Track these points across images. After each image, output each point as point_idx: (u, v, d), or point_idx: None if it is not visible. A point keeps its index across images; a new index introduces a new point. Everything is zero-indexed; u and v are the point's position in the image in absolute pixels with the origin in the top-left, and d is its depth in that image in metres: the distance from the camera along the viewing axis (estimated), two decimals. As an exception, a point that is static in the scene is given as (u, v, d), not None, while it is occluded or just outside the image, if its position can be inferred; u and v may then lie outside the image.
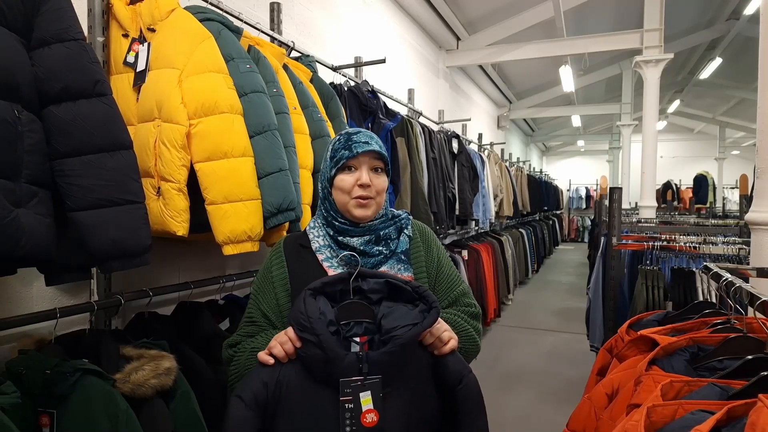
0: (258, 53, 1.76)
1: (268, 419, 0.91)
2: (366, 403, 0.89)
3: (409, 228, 1.21)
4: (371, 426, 0.88)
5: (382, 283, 1.00)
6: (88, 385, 1.17)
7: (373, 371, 0.89)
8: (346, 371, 0.89)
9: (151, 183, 1.44)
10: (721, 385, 0.83)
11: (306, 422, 0.90)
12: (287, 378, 0.92)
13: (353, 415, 0.88)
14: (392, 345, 0.90)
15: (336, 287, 0.99)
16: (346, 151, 1.11)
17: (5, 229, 0.96)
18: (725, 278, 1.14)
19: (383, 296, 1.00)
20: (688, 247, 2.38)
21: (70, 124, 1.11)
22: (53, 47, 1.09)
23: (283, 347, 0.94)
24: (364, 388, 0.89)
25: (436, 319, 0.95)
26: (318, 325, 0.90)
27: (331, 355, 0.89)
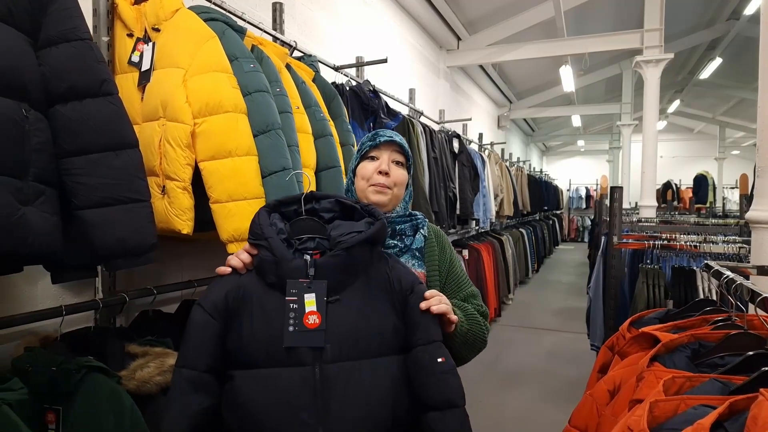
0: (261, 53, 1.77)
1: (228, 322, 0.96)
2: (309, 305, 0.93)
3: (425, 228, 1.25)
4: (313, 327, 0.93)
5: (333, 202, 1.07)
6: (94, 382, 1.18)
7: (320, 276, 0.95)
8: (293, 274, 0.94)
9: (155, 182, 1.45)
10: (722, 380, 0.84)
11: (259, 323, 0.95)
12: (245, 286, 0.98)
13: (297, 315, 0.93)
14: (338, 249, 0.97)
15: (291, 207, 1.06)
16: (370, 142, 1.19)
17: (13, 227, 0.97)
18: (726, 276, 1.15)
19: (336, 215, 1.07)
20: (689, 246, 2.39)
21: (76, 123, 1.12)
22: (60, 47, 1.10)
23: (239, 257, 1.01)
24: (308, 290, 0.94)
25: (380, 229, 1.00)
26: (267, 230, 0.98)
27: (278, 256, 0.95)
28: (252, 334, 0.95)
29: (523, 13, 6.20)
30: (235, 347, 0.96)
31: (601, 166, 16.63)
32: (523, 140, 14.27)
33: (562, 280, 8.39)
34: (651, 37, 5.60)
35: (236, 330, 0.96)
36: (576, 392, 2.04)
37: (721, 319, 1.15)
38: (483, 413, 3.15)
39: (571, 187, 16.29)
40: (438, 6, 5.57)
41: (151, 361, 1.30)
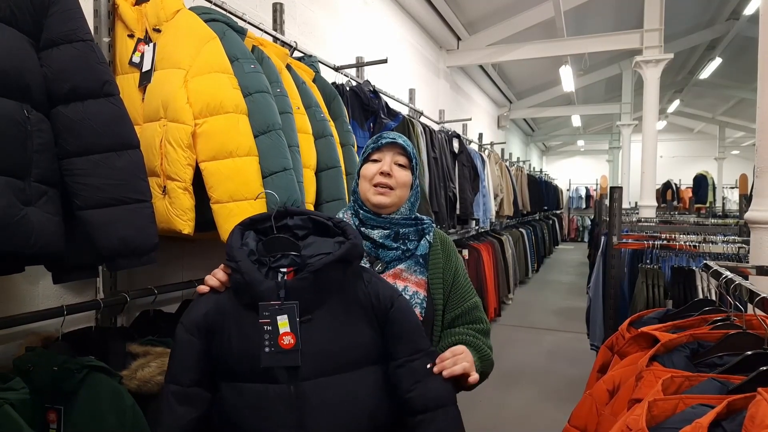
0: (262, 53, 1.77)
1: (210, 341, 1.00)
2: (283, 326, 0.96)
3: (431, 235, 1.25)
4: (289, 348, 0.95)
5: (306, 218, 1.08)
6: (95, 381, 1.19)
7: (291, 297, 0.97)
8: (265, 296, 0.96)
9: (156, 182, 1.45)
10: (720, 380, 0.85)
11: (237, 341, 0.98)
12: (223, 304, 1.01)
13: (271, 336, 0.95)
14: (305, 272, 0.98)
15: (265, 224, 1.07)
16: (373, 144, 1.20)
17: (15, 228, 0.98)
18: (725, 276, 1.16)
19: (309, 231, 1.08)
20: (688, 246, 2.39)
21: (78, 124, 1.12)
22: (62, 48, 1.11)
23: (215, 276, 1.04)
24: (281, 311, 0.96)
25: (349, 249, 1.01)
26: (237, 253, 0.99)
27: (248, 279, 0.97)
28: (231, 351, 0.98)
29: (523, 13, 6.21)
30: (218, 361, 1.00)
31: (601, 166, 16.64)
32: (522, 140, 14.28)
33: (562, 280, 8.40)
34: (651, 37, 5.60)
35: (217, 346, 0.99)
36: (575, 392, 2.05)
37: (720, 319, 1.16)
38: (483, 413, 3.16)
39: (571, 187, 16.29)
40: (438, 6, 5.57)
41: (152, 361, 1.30)
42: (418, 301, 1.15)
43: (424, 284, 1.18)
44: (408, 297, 1.14)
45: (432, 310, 1.17)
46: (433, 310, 1.18)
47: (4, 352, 1.40)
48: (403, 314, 1.04)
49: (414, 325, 1.04)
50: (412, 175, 1.24)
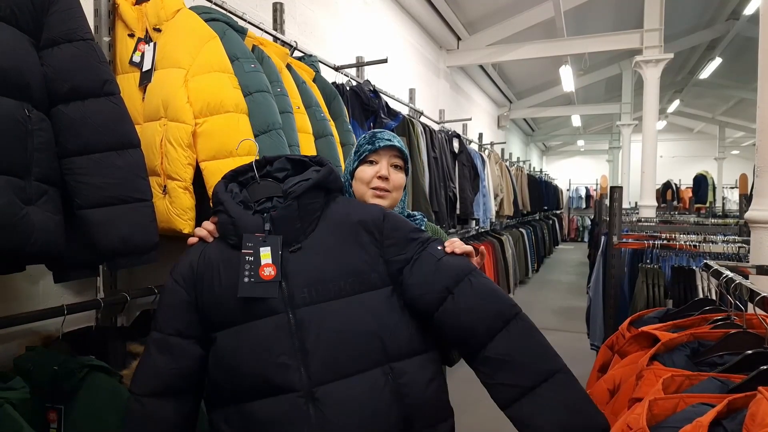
0: (262, 53, 1.77)
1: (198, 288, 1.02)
2: (265, 257, 0.97)
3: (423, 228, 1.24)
4: (268, 279, 0.96)
5: (284, 160, 1.11)
6: (96, 381, 1.19)
7: (277, 230, 0.99)
8: (251, 229, 0.99)
9: (157, 181, 1.45)
10: (721, 379, 0.85)
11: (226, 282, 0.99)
12: (210, 252, 1.04)
13: (252, 267, 0.96)
14: (288, 199, 1.00)
15: (246, 175, 1.09)
16: (369, 145, 1.19)
17: (16, 226, 0.98)
18: (725, 275, 1.15)
19: (289, 173, 1.10)
20: (689, 246, 2.39)
21: (78, 123, 1.13)
22: (62, 47, 1.11)
23: (204, 227, 1.08)
24: (264, 243, 0.98)
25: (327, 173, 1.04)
26: (223, 196, 1.02)
27: (234, 216, 1.00)
28: (222, 293, 0.99)
29: (523, 13, 6.21)
30: (209, 308, 1.01)
31: (601, 166, 16.64)
32: (522, 140, 14.28)
33: (562, 280, 8.40)
34: (651, 37, 5.60)
35: (207, 293, 1.01)
36: (576, 391, 2.05)
37: (720, 319, 1.16)
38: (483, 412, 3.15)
39: (571, 187, 16.29)
40: (438, 6, 5.57)
41: (152, 360, 1.30)
42: None
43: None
44: None
45: None
46: None
47: (5, 352, 1.40)
48: (397, 221, 1.05)
49: (410, 226, 1.06)
50: (406, 176, 1.24)
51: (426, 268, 1.01)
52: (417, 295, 1.00)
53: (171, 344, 1.00)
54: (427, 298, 0.99)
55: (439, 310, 0.99)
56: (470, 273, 1.01)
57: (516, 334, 0.97)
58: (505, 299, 1.01)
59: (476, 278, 1.01)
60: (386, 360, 0.96)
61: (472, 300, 0.98)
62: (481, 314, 0.98)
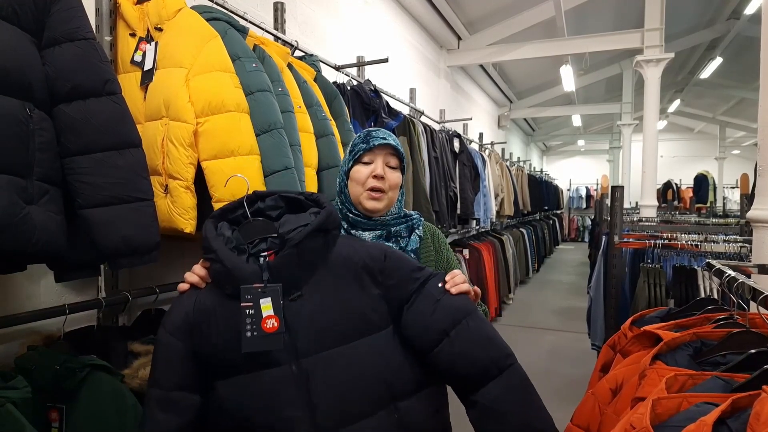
0: (263, 52, 1.77)
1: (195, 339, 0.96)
2: (266, 309, 0.92)
3: (420, 229, 1.24)
4: (272, 331, 0.92)
5: (276, 197, 1.04)
6: (97, 380, 1.19)
7: (276, 277, 0.94)
8: (248, 280, 0.93)
9: (158, 181, 1.45)
10: (724, 378, 0.85)
11: (225, 333, 0.94)
12: (205, 300, 0.97)
13: (254, 320, 0.92)
14: (286, 248, 0.94)
15: (237, 212, 1.03)
16: (363, 144, 1.16)
17: (18, 226, 0.97)
18: (728, 274, 1.15)
19: (282, 211, 1.04)
20: (690, 245, 2.39)
21: (80, 123, 1.12)
22: (64, 46, 1.11)
23: (195, 272, 1.01)
24: (264, 294, 0.92)
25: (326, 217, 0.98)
26: (215, 242, 0.96)
27: (229, 266, 0.93)
28: (220, 344, 0.94)
29: (524, 13, 6.20)
30: (208, 358, 0.96)
31: (602, 166, 16.63)
32: (523, 140, 14.27)
33: (563, 280, 8.39)
34: (651, 37, 5.60)
35: (204, 343, 0.96)
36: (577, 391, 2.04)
37: (722, 318, 1.15)
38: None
39: (572, 187, 16.29)
40: (438, 6, 5.57)
41: (154, 360, 1.30)
42: None
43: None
44: None
45: None
46: None
47: (6, 351, 1.40)
48: (399, 260, 1.02)
49: (412, 264, 1.03)
50: (402, 174, 1.21)
51: (424, 308, 0.98)
52: (414, 334, 0.98)
53: (173, 400, 0.95)
54: (423, 339, 0.97)
55: (434, 352, 0.97)
56: (468, 315, 0.98)
57: (509, 384, 0.96)
58: (501, 347, 0.99)
59: (474, 322, 0.98)
60: (392, 400, 0.95)
61: (468, 344, 0.96)
62: (476, 360, 0.96)
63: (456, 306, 0.99)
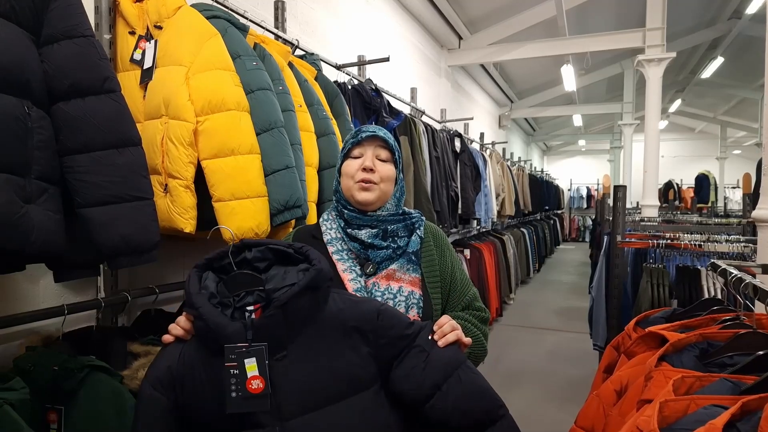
0: (264, 51, 1.76)
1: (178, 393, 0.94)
2: (251, 370, 0.89)
3: (421, 230, 1.21)
4: (257, 392, 0.89)
5: (264, 249, 1.01)
6: (96, 381, 1.18)
7: (260, 336, 0.90)
8: (232, 339, 0.90)
9: (158, 180, 1.44)
10: (733, 380, 0.83)
11: (208, 391, 0.92)
12: (189, 354, 0.95)
13: (239, 381, 0.89)
14: (271, 308, 0.91)
15: (223, 261, 1.00)
16: (352, 139, 1.16)
17: (16, 225, 0.96)
18: (734, 274, 1.14)
19: (271, 262, 1.01)
20: (693, 245, 2.38)
21: (78, 121, 1.11)
22: (62, 44, 1.10)
23: (179, 324, 0.98)
24: (248, 354, 0.90)
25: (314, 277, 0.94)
26: (197, 299, 0.93)
27: (212, 326, 0.90)
28: (204, 402, 0.92)
29: (525, 12, 6.19)
30: (191, 414, 0.94)
31: (602, 166, 16.61)
32: (524, 140, 14.26)
33: (564, 280, 8.38)
34: (653, 36, 5.58)
35: (188, 398, 0.93)
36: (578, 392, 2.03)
37: (729, 319, 1.14)
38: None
39: (572, 187, 16.27)
40: (439, 5, 5.56)
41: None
42: (414, 302, 1.12)
43: (418, 282, 1.15)
44: (403, 298, 1.11)
45: (430, 309, 1.14)
46: (431, 309, 1.15)
47: (5, 352, 1.39)
48: (392, 319, 0.99)
49: (404, 321, 1.00)
50: (396, 169, 1.19)
51: (415, 363, 0.96)
52: (404, 390, 0.96)
53: None
54: (414, 394, 0.95)
55: (426, 407, 0.95)
56: (459, 367, 0.97)
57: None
58: (493, 398, 0.97)
59: (465, 374, 0.97)
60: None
61: (461, 397, 0.95)
62: (469, 411, 0.94)
63: (447, 359, 0.97)
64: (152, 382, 0.94)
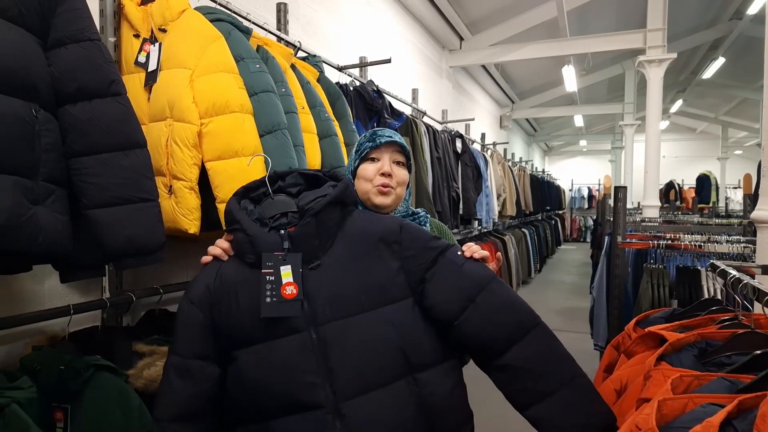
0: (267, 53, 1.77)
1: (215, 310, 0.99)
2: (286, 276, 0.95)
3: (428, 225, 1.25)
4: (291, 297, 0.95)
5: (296, 176, 1.09)
6: (102, 380, 1.19)
7: (295, 248, 0.97)
8: (270, 248, 0.97)
9: (162, 181, 1.46)
10: (730, 379, 0.84)
11: (245, 302, 0.97)
12: (227, 272, 1.01)
13: (274, 286, 0.95)
14: (306, 217, 0.98)
15: (259, 191, 1.07)
16: (370, 143, 1.19)
17: (24, 227, 0.98)
18: (733, 275, 1.15)
19: (302, 188, 1.08)
20: (693, 246, 2.38)
21: (85, 123, 1.13)
22: (69, 47, 1.11)
23: (218, 245, 1.04)
24: (284, 262, 0.96)
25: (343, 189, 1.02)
26: (238, 214, 1.00)
27: (251, 234, 0.97)
28: (241, 314, 0.97)
29: (526, 13, 6.20)
30: (228, 329, 0.98)
31: (603, 166, 16.60)
32: (525, 140, 14.26)
33: (565, 280, 8.38)
34: (654, 37, 5.59)
35: (225, 313, 0.98)
36: (580, 392, 2.04)
37: (727, 319, 1.15)
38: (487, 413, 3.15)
39: (573, 187, 16.26)
40: (441, 6, 5.57)
41: (158, 360, 1.30)
42: None
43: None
44: None
45: None
46: None
47: (11, 351, 1.41)
48: (415, 231, 1.04)
49: (428, 235, 1.04)
50: (408, 172, 1.24)
51: (447, 275, 1.00)
52: (438, 302, 0.99)
53: (191, 368, 0.98)
54: (448, 307, 0.98)
55: (460, 319, 0.98)
56: (492, 281, 1.01)
57: (536, 343, 0.98)
58: (526, 308, 1.01)
59: (498, 287, 1.01)
60: (410, 371, 0.96)
61: (493, 309, 0.98)
62: (503, 324, 0.98)
63: (479, 272, 1.01)
64: (191, 298, 1.00)
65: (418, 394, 0.96)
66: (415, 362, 0.97)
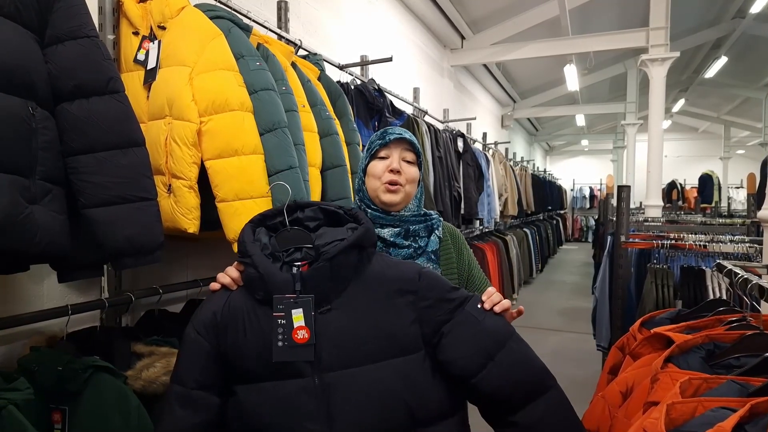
0: (267, 51, 1.76)
1: (221, 339, 0.97)
2: (297, 320, 0.93)
3: (440, 230, 1.25)
4: (302, 342, 0.92)
5: (316, 209, 1.05)
6: (100, 381, 1.18)
7: (308, 288, 0.94)
8: (281, 289, 0.94)
9: (162, 180, 1.44)
10: (740, 382, 0.83)
11: (252, 339, 0.95)
12: (235, 302, 0.98)
13: (285, 330, 0.92)
14: (321, 260, 0.95)
15: (275, 219, 1.04)
16: (380, 140, 1.17)
17: (20, 226, 0.96)
18: (740, 275, 1.13)
19: (321, 223, 1.05)
20: (698, 246, 2.36)
21: (83, 122, 1.11)
22: (67, 44, 1.10)
23: (228, 274, 1.01)
24: (296, 305, 0.93)
25: (363, 234, 0.98)
26: (251, 247, 0.97)
27: (262, 272, 0.94)
28: (246, 350, 0.95)
29: (528, 12, 6.17)
30: (233, 362, 0.96)
31: (605, 166, 16.56)
32: (526, 140, 14.24)
33: (566, 280, 8.36)
34: (656, 36, 5.56)
35: (231, 346, 0.96)
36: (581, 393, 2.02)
37: (735, 320, 1.14)
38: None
39: (575, 187, 16.24)
40: (442, 5, 5.55)
41: (157, 361, 1.29)
42: None
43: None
44: None
45: None
46: None
47: (9, 352, 1.39)
48: (433, 280, 1.00)
49: (447, 285, 1.01)
50: (419, 170, 1.23)
51: (467, 331, 0.97)
52: (455, 359, 0.96)
53: (193, 398, 0.96)
54: (466, 364, 0.96)
55: (478, 377, 0.95)
56: (511, 338, 0.98)
57: (550, 405, 0.96)
58: (543, 368, 0.99)
59: (517, 344, 0.98)
60: (413, 426, 0.94)
61: (512, 368, 0.96)
62: (521, 382, 0.96)
63: (500, 329, 0.98)
64: (197, 326, 0.98)
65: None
66: (420, 417, 0.94)
